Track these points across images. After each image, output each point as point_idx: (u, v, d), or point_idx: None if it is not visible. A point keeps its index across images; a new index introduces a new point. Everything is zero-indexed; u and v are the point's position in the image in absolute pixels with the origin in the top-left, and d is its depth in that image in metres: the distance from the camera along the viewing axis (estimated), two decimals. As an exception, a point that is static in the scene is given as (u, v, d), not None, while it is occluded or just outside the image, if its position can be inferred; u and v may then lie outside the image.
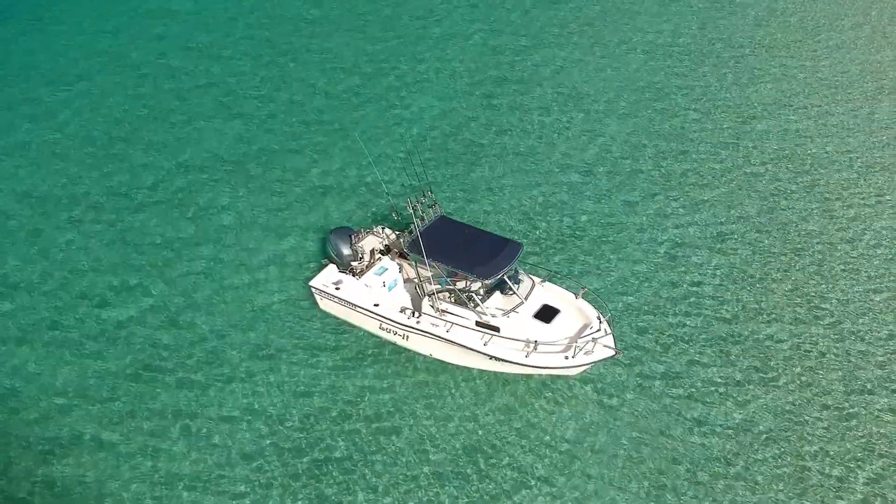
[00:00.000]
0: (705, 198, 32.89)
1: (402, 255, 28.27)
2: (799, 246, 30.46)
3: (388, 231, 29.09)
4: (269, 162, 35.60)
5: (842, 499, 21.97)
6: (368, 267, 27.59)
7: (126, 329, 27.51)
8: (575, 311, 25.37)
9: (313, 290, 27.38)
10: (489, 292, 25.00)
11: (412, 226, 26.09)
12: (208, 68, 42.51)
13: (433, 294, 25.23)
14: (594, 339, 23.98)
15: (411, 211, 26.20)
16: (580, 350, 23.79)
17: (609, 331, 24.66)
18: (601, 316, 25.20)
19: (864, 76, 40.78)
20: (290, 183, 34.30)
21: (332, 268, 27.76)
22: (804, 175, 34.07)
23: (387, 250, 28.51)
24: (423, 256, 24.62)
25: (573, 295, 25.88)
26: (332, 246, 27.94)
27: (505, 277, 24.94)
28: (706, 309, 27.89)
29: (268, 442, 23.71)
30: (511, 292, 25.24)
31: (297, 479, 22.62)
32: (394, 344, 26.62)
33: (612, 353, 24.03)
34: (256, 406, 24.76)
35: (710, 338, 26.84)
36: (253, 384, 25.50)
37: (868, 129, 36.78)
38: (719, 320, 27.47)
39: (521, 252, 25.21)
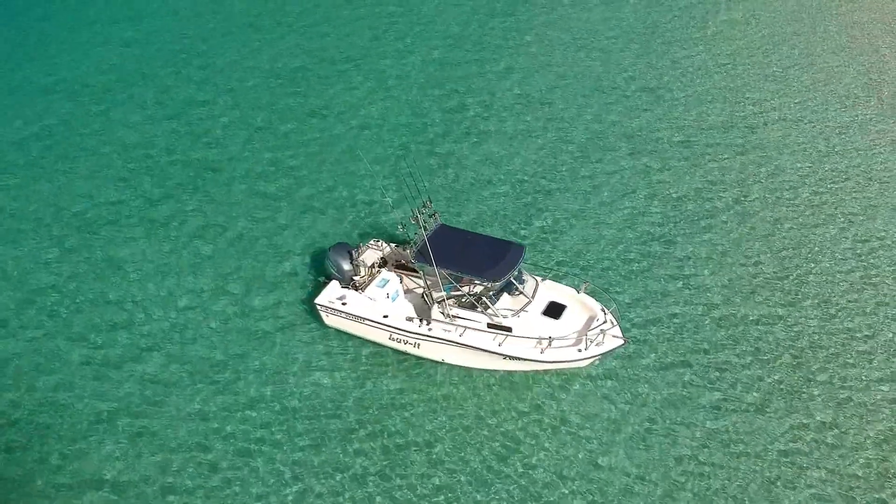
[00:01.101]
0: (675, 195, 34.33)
1: (399, 267, 28.81)
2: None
3: (382, 243, 29.57)
4: (253, 186, 35.71)
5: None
6: (369, 280, 28.01)
7: (123, 370, 27.27)
8: (580, 305, 26.25)
9: (319, 307, 27.62)
10: (497, 294, 25.68)
11: (416, 236, 26.60)
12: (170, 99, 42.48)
13: (443, 300, 25.78)
14: (603, 331, 24.93)
15: (415, 222, 26.76)
16: (592, 342, 24.70)
17: (615, 322, 25.63)
18: (605, 308, 26.14)
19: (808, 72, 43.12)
20: (275, 206, 34.46)
21: (334, 284, 28.05)
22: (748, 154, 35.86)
23: (383, 263, 28.98)
24: (432, 265, 25.15)
25: (574, 290, 26.80)
26: (332, 263, 28.28)
27: (511, 278, 25.68)
28: (693, 298, 29.15)
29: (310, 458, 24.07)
30: (518, 292, 26.02)
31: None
32: (405, 353, 27.05)
33: (621, 342, 25.00)
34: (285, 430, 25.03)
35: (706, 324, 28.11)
36: (274, 403, 25.78)
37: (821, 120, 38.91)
38: (709, 307, 28.74)
39: (525, 253, 25.98)
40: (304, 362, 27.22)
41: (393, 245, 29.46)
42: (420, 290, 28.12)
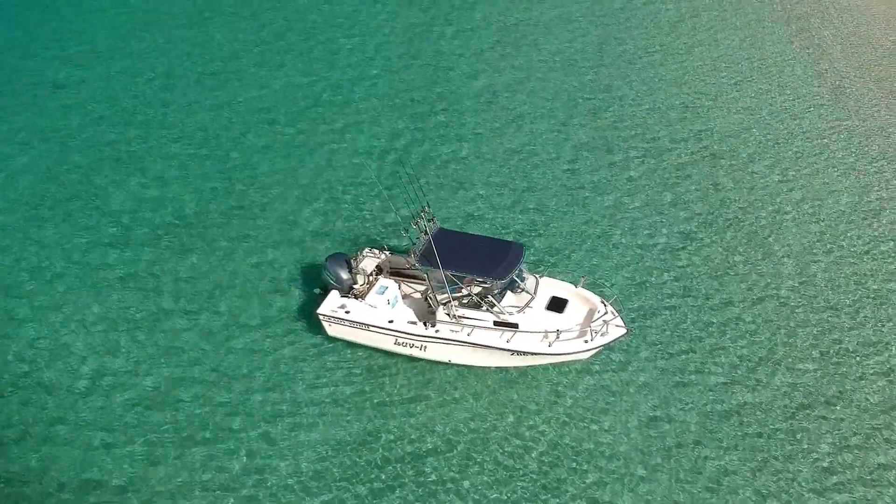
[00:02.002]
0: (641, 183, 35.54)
1: (394, 273, 29.15)
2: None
3: (376, 251, 29.86)
4: (230, 205, 35.44)
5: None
6: (368, 288, 28.28)
7: (134, 410, 26.50)
8: (580, 299, 27.02)
9: (322, 317, 27.70)
10: (501, 293, 26.26)
11: (418, 241, 27.00)
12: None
13: (448, 302, 26.23)
14: (606, 322, 25.78)
15: (415, 227, 27.18)
16: (597, 333, 25.50)
17: (616, 312, 26.49)
18: (604, 300, 26.99)
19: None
20: (256, 225, 34.22)
21: (334, 294, 28.19)
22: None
23: (379, 270, 29.27)
24: (438, 268, 25.56)
25: (573, 285, 27.58)
26: (330, 273, 28.39)
27: (514, 276, 26.32)
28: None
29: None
30: (521, 290, 26.65)
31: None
32: (411, 357, 27.39)
33: (624, 331, 25.87)
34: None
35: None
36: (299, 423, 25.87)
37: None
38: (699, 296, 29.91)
39: (525, 251, 26.64)
40: (311, 377, 27.18)
41: (387, 252, 29.77)
42: (417, 295, 28.54)
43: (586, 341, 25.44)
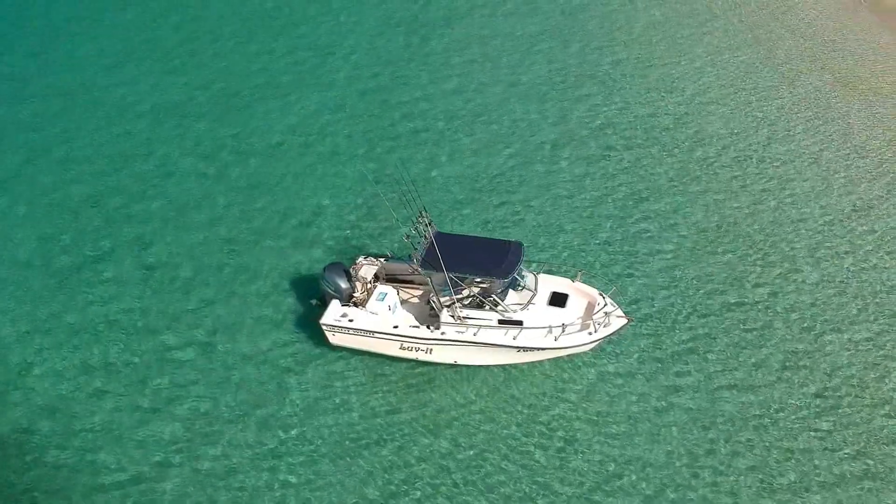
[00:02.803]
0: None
1: (389, 280, 29.37)
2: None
3: (371, 259, 30.06)
4: (216, 225, 35.20)
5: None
6: (367, 296, 28.47)
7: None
8: (579, 293, 27.67)
9: (325, 327, 27.75)
10: (504, 291, 26.74)
11: (420, 245, 27.29)
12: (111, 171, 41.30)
13: (452, 304, 26.60)
14: (607, 314, 26.49)
15: (416, 231, 27.52)
16: (600, 325, 26.18)
17: (614, 304, 27.22)
18: (602, 293, 27.70)
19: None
20: (243, 241, 34.07)
21: (335, 303, 28.29)
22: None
23: (375, 278, 29.48)
24: (442, 270, 25.91)
25: (569, 280, 28.23)
26: (329, 283, 28.43)
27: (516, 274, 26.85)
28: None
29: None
30: (522, 287, 27.17)
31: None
32: (416, 361, 27.69)
33: (625, 321, 26.61)
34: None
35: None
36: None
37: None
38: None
39: (524, 249, 27.19)
40: (318, 388, 27.37)
41: (382, 259, 30.00)
42: (415, 300, 28.84)
43: (590, 333, 26.09)
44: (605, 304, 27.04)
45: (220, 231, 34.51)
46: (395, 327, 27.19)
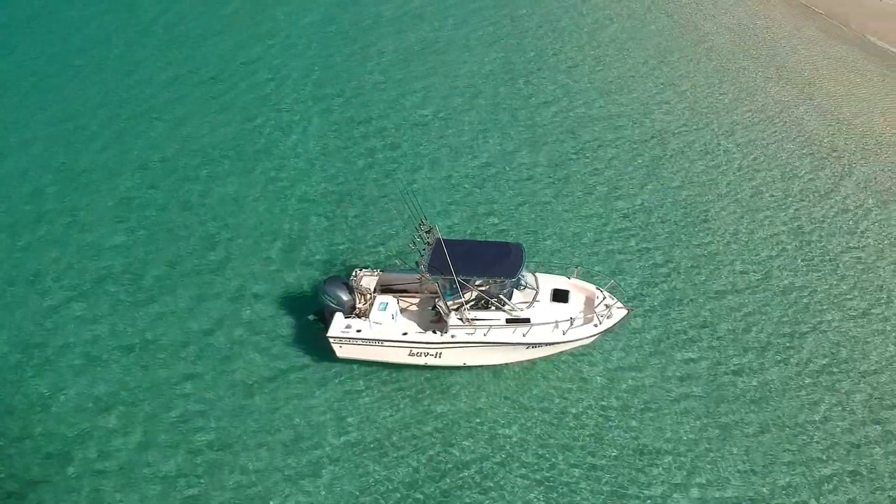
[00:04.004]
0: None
1: (385, 290, 29.73)
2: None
3: (368, 270, 30.38)
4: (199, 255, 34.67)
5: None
6: (368, 307, 28.80)
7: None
8: (577, 288, 28.70)
9: (332, 339, 27.91)
10: (509, 291, 27.53)
11: (425, 252, 27.82)
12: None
13: (461, 307, 27.23)
14: (608, 306, 27.65)
15: (420, 238, 28.05)
16: (603, 317, 27.28)
17: (613, 297, 28.41)
18: (599, 287, 28.83)
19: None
20: (229, 267, 33.69)
21: (339, 316, 28.45)
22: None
23: (375, 288, 29.82)
24: (451, 275, 26.49)
25: (566, 277, 29.25)
26: (331, 296, 28.46)
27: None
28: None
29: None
30: (525, 286, 28.03)
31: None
32: (425, 366, 28.20)
33: (626, 311, 27.82)
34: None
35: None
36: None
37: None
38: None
39: (524, 249, 28.06)
40: (336, 406, 27.64)
41: (378, 270, 30.35)
42: (414, 308, 29.31)
43: (595, 325, 27.15)
44: (605, 298, 28.16)
45: (206, 255, 34.07)
46: (404, 334, 27.63)
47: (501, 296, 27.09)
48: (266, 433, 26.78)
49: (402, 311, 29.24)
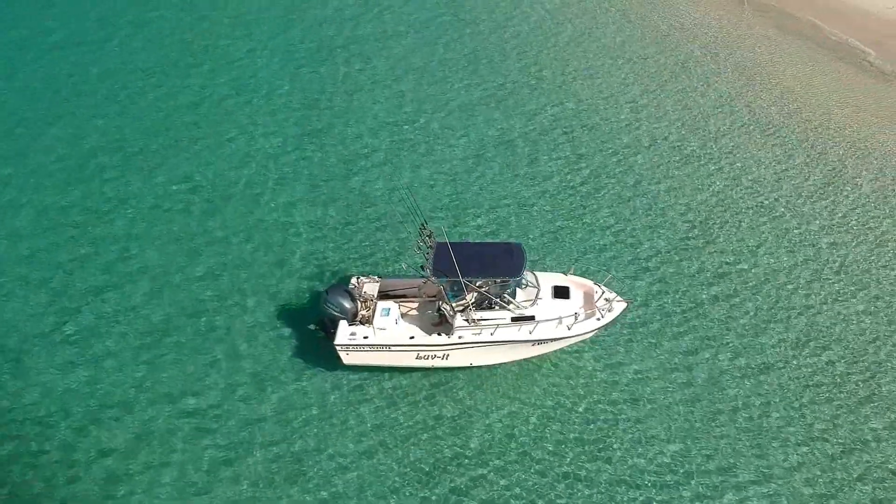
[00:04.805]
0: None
1: (384, 297, 30.07)
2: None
3: (365, 278, 30.68)
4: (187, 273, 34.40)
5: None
6: (371, 313, 29.11)
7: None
8: (576, 284, 29.42)
9: (340, 348, 28.08)
10: (513, 290, 28.13)
11: (429, 256, 28.23)
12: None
13: (466, 308, 27.73)
14: (608, 300, 28.46)
15: (423, 243, 28.49)
16: (605, 310, 28.08)
17: (611, 291, 29.25)
18: (597, 282, 29.63)
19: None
20: (220, 285, 33.36)
21: (343, 324, 28.66)
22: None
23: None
24: (458, 276, 26.95)
25: (562, 274, 29.98)
26: (334, 305, 28.58)
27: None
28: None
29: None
30: (526, 285, 28.66)
31: None
32: (432, 368, 28.66)
33: (625, 304, 28.68)
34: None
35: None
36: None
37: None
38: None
39: (524, 249, 28.69)
40: (348, 417, 27.95)
41: (375, 277, 30.68)
42: (413, 313, 29.69)
43: (598, 319, 27.91)
44: (603, 292, 28.97)
45: (193, 271, 33.86)
46: (412, 338, 28.02)
47: (506, 295, 27.67)
48: (279, 445, 26.93)
49: (402, 316, 29.62)
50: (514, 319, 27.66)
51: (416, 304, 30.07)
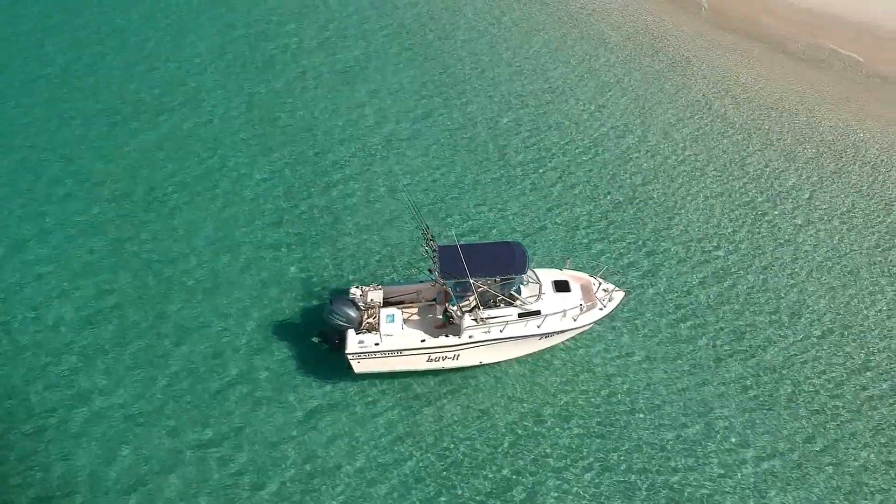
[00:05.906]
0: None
1: (386, 304, 30.44)
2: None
3: (366, 286, 30.90)
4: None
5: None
6: (376, 321, 29.40)
7: None
8: (574, 278, 30.28)
9: (352, 357, 28.20)
10: (518, 288, 28.82)
11: (434, 259, 28.70)
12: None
13: (475, 307, 28.28)
14: (607, 290, 29.51)
15: (426, 246, 28.98)
16: (606, 301, 29.08)
17: (608, 282, 30.31)
18: (592, 275, 30.61)
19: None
20: (215, 306, 33.05)
21: (351, 333, 28.83)
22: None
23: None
24: (467, 277, 27.47)
25: (558, 270, 30.86)
26: (340, 314, 28.74)
27: (523, 270, 29.04)
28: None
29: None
30: (528, 281, 29.41)
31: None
32: (442, 369, 29.12)
33: (623, 294, 29.79)
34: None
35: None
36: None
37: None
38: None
39: (525, 246, 29.43)
40: (363, 428, 28.15)
41: (377, 284, 30.94)
42: (415, 318, 30.04)
43: (601, 309, 28.86)
44: (601, 284, 29.95)
45: (193, 298, 33.42)
46: (423, 341, 28.44)
47: (512, 292, 28.35)
48: (298, 461, 27.00)
49: (405, 321, 29.96)
50: (521, 315, 28.34)
51: (415, 309, 30.47)
